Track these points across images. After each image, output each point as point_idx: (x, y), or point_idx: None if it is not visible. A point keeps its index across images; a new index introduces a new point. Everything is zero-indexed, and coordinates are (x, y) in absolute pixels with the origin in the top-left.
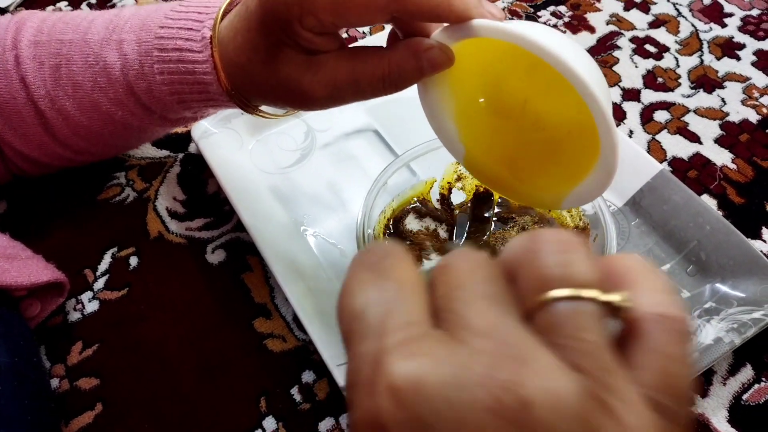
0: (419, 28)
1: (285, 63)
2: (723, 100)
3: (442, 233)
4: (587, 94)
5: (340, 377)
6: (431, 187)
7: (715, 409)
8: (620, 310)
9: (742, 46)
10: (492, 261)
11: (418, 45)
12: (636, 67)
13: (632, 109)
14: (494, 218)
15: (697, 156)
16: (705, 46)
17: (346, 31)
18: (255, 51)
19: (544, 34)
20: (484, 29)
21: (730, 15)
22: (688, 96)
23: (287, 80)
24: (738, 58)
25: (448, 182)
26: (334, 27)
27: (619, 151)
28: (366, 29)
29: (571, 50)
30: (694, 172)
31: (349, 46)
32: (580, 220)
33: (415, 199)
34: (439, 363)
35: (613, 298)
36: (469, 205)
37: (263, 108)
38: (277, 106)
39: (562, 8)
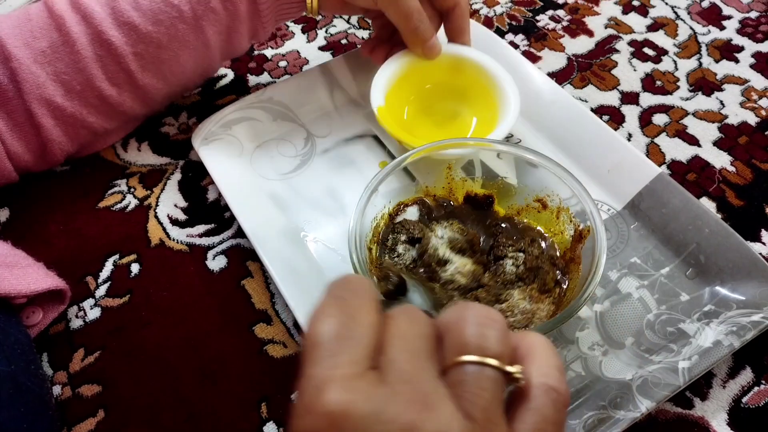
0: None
1: None
2: (722, 102)
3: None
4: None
5: None
6: (425, 194)
7: (715, 411)
8: (516, 380)
9: (740, 49)
10: (429, 321)
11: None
12: (634, 70)
13: (631, 113)
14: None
15: (696, 159)
16: (703, 48)
17: (346, 37)
18: None
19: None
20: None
21: (729, 17)
22: (687, 99)
23: None
24: (736, 61)
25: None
26: None
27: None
28: (365, 34)
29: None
30: (693, 175)
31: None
32: (577, 226)
33: (418, 198)
34: (366, 399)
35: (511, 369)
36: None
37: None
38: None
39: (561, 12)
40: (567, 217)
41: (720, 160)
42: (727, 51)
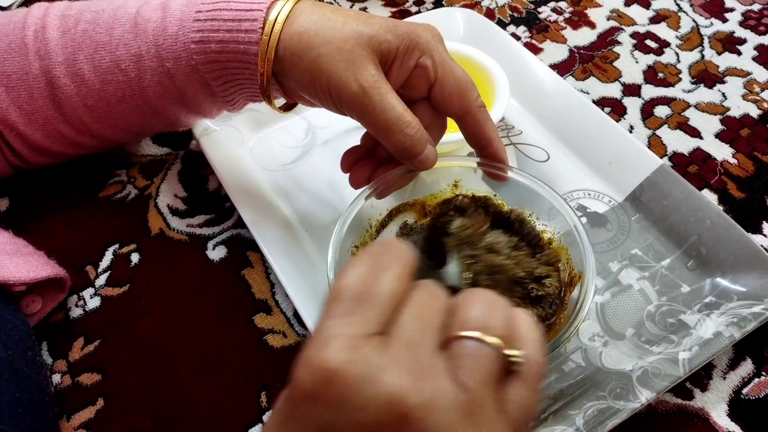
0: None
1: (361, 67)
2: (724, 95)
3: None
4: None
5: None
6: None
7: (715, 403)
8: (515, 363)
9: (742, 41)
10: (445, 298)
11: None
12: (636, 62)
13: (633, 105)
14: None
15: (698, 151)
16: (706, 41)
17: None
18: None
19: None
20: None
21: (731, 10)
22: (689, 91)
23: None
24: (739, 53)
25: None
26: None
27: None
28: None
29: None
30: (695, 167)
31: None
32: (572, 270)
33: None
34: (364, 363)
35: (512, 352)
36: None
37: (276, 100)
38: (303, 80)
39: (563, 4)
40: (565, 258)
41: (722, 152)
42: (729, 43)
